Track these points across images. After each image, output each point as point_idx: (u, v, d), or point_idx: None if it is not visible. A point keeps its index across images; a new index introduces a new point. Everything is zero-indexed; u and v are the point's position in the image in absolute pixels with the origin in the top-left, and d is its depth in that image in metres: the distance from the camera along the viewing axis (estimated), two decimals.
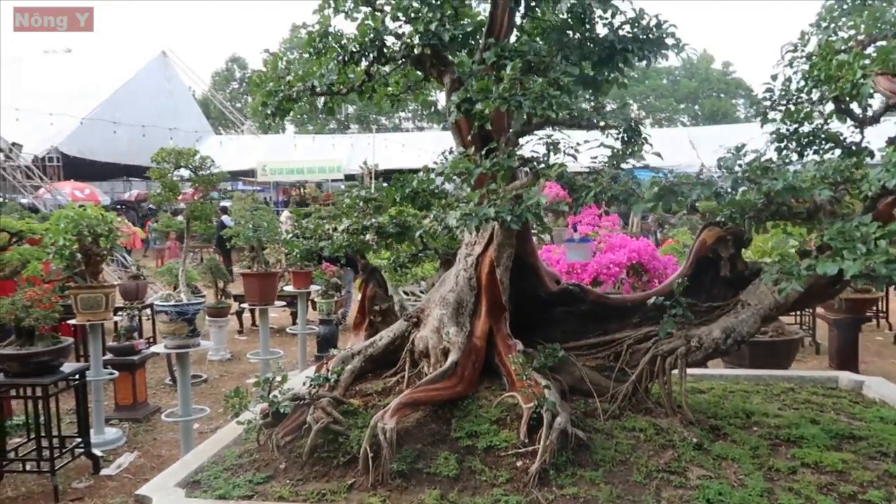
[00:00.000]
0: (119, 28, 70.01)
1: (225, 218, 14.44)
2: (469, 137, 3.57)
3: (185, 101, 34.14)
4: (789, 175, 3.50)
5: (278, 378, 3.44)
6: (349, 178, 26.34)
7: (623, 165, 3.50)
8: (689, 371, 4.86)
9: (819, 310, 8.72)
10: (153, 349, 6.15)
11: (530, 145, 3.62)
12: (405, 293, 8.46)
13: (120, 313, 8.22)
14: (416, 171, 4.06)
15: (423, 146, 22.33)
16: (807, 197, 3.56)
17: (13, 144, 20.56)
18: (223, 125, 40.78)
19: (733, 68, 51.93)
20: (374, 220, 4.15)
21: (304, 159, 25.07)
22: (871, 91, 3.36)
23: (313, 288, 9.22)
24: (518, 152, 3.62)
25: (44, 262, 6.92)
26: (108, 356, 7.29)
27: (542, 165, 3.49)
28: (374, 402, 3.63)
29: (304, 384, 3.50)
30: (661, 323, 3.75)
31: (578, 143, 3.26)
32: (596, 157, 3.61)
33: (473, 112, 3.24)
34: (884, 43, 3.78)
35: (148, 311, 9.41)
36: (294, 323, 10.27)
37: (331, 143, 28.27)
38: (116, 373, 6.89)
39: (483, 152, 3.34)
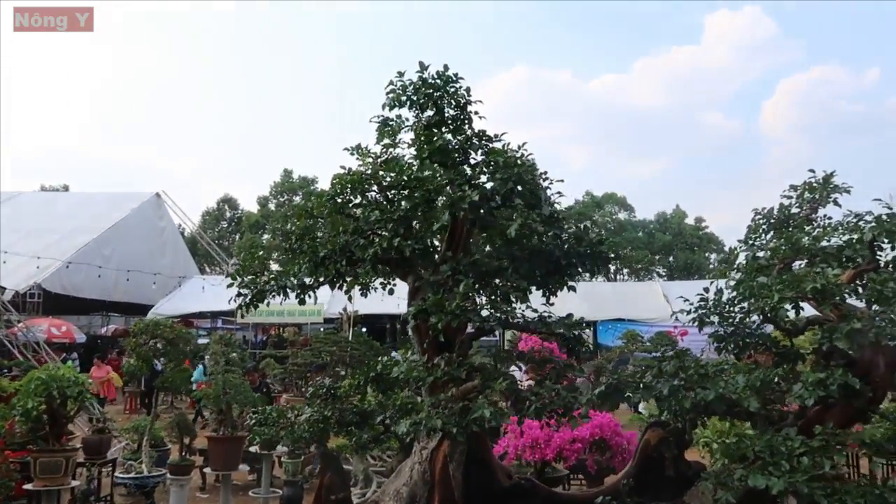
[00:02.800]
0: (114, 166, 72.82)
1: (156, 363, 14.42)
2: (425, 344, 3.85)
3: (174, 240, 34.91)
4: (721, 385, 3.79)
5: None
6: (329, 321, 26.51)
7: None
8: None
9: None
10: None
11: None
12: (371, 458, 8.38)
13: (79, 470, 8.02)
14: (396, 318, 4.32)
15: (404, 294, 22.74)
16: (740, 405, 3.82)
17: None
18: (209, 263, 41.46)
19: (706, 223, 54.43)
20: (335, 408, 4.32)
21: (284, 303, 25.26)
22: (787, 312, 3.72)
23: (280, 448, 9.09)
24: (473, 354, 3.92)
25: (8, 421, 6.90)
26: None
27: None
28: None
29: None
30: None
31: (522, 358, 3.53)
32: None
33: (429, 324, 3.55)
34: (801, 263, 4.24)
35: (110, 466, 9.18)
36: (259, 483, 9.98)
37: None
38: None
39: (436, 360, 3.60)
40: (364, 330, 25.52)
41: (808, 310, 4.37)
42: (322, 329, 26.69)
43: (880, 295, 3.70)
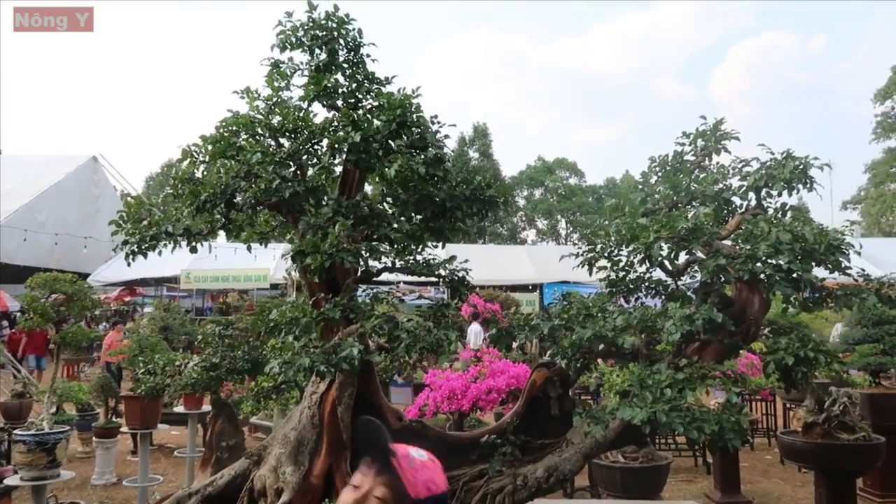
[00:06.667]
0: (52, 133, 70.00)
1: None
2: (302, 286, 3.82)
3: (112, 206, 33.86)
4: (599, 324, 3.88)
5: None
6: (275, 286, 26.25)
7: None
8: (552, 500, 5.03)
9: None
10: (6, 481, 5.89)
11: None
12: None
13: None
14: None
15: None
16: (616, 343, 3.93)
17: None
18: None
19: None
20: (227, 355, 4.28)
21: (228, 268, 24.92)
22: (661, 253, 3.80)
23: (207, 408, 9.02)
24: (361, 294, 3.92)
25: None
26: None
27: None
28: None
29: None
30: (492, 461, 3.95)
31: (402, 295, 3.54)
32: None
33: (304, 265, 3.52)
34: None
35: None
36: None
37: (252, 254, 28.34)
38: None
39: (312, 302, 3.59)
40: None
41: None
42: (268, 294, 26.47)
43: (750, 234, 3.82)
